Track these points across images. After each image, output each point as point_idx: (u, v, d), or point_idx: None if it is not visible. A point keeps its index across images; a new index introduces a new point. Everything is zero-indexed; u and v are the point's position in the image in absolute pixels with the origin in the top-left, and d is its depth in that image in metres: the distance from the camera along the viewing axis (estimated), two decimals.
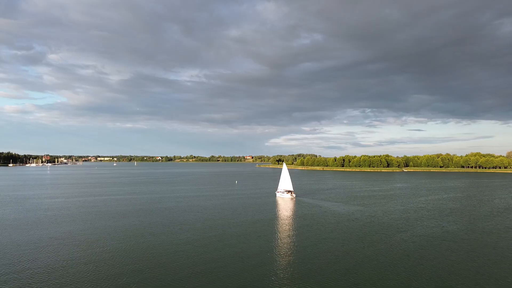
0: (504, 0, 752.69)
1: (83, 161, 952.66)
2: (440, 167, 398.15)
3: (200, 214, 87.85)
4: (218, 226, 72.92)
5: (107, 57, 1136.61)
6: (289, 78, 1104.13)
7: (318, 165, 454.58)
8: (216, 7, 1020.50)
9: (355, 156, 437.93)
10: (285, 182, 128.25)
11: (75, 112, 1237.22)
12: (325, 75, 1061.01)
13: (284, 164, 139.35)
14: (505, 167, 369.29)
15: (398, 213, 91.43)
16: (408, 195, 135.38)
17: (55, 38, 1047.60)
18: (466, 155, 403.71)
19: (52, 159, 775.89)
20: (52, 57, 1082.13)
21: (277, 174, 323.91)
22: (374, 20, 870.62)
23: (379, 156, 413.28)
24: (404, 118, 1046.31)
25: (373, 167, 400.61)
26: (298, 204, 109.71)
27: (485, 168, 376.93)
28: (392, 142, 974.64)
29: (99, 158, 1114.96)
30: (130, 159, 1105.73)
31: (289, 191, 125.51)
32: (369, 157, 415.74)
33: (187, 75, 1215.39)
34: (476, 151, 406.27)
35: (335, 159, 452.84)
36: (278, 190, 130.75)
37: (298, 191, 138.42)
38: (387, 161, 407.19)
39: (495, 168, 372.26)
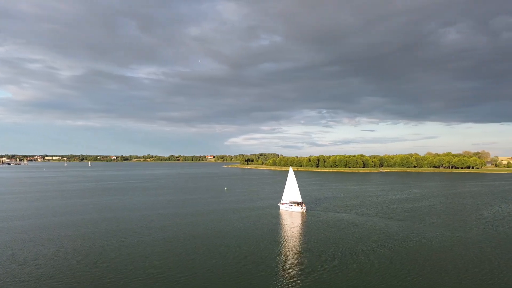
0: (448, 10, 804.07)
1: (29, 160, 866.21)
2: (414, 167, 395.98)
3: (222, 257, 59.79)
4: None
5: (58, 51, 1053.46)
6: (249, 78, 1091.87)
7: (291, 165, 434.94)
8: (176, 4, 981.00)
9: (329, 156, 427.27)
10: (292, 191, 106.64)
11: (21, 108, 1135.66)
12: (284, 76, 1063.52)
13: (291, 168, 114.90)
14: (478, 168, 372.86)
15: (479, 240, 69.19)
16: (453, 207, 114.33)
17: (1, 30, 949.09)
18: (439, 155, 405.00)
19: None
20: None
21: (253, 175, 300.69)
22: (331, 25, 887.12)
23: (354, 156, 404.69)
24: (357, 118, 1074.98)
25: (349, 167, 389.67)
26: (314, 221, 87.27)
27: (458, 168, 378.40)
28: (346, 141, 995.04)
29: (46, 158, 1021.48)
30: (82, 158, 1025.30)
31: (298, 203, 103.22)
32: (345, 157, 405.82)
33: (144, 72, 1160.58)
34: (427, 151, 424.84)
35: (309, 159, 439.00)
36: (282, 202, 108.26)
37: (303, 200, 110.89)
38: (363, 161, 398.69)
39: (468, 168, 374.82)
